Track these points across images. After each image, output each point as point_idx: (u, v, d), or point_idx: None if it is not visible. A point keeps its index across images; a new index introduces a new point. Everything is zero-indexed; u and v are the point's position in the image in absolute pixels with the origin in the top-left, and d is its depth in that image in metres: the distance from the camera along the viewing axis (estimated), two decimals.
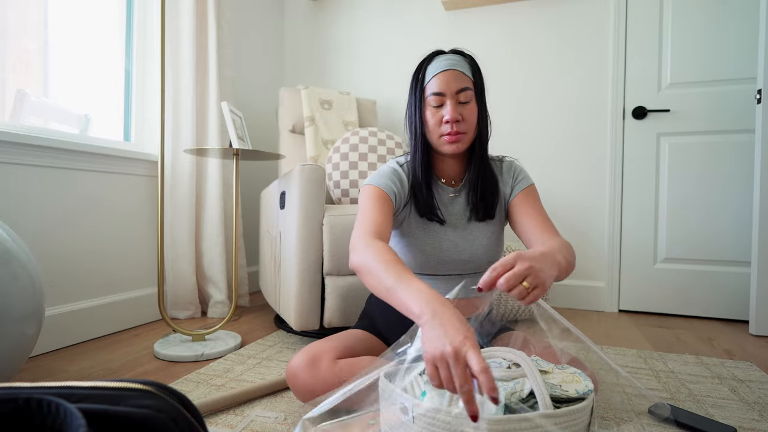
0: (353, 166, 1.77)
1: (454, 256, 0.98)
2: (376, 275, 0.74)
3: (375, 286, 0.75)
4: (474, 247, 0.98)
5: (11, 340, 0.84)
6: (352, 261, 0.82)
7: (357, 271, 0.81)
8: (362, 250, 0.80)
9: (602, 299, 2.09)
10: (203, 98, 1.89)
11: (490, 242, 1.00)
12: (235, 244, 1.51)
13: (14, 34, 1.40)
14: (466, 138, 0.94)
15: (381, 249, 0.78)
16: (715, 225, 1.94)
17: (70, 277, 1.45)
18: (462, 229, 0.99)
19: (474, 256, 0.98)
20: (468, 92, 0.92)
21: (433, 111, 0.93)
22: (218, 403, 0.94)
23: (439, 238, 0.98)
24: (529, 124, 2.20)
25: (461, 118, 0.91)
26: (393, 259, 0.75)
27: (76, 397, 0.29)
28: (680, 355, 1.40)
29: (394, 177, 0.97)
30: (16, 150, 1.28)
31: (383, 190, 0.93)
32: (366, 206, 0.91)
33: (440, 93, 0.91)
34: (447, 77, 0.91)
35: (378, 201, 0.91)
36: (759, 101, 1.68)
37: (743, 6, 1.89)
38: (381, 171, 0.99)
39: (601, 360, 1.27)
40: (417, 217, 0.99)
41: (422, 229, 0.98)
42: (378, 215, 0.88)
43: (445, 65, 0.92)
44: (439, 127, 0.93)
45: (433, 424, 0.57)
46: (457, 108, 0.91)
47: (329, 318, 1.38)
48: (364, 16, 2.50)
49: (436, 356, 0.57)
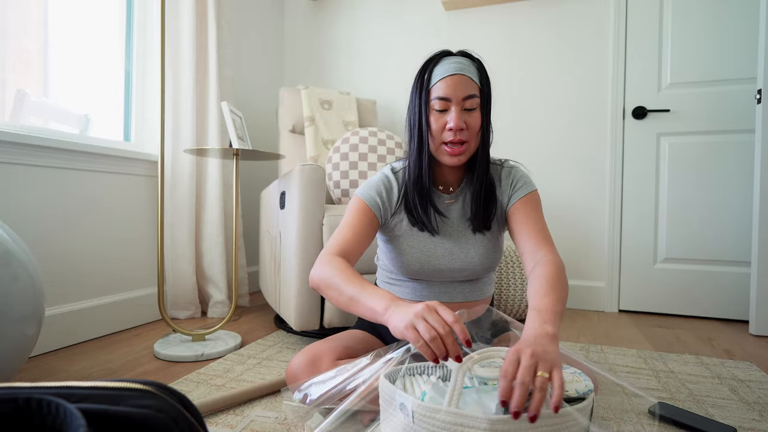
0: (353, 166, 1.77)
1: (449, 264, 0.95)
2: (336, 288, 0.79)
3: (336, 298, 0.79)
4: (470, 255, 0.95)
5: (11, 340, 0.84)
6: (311, 277, 0.86)
7: (316, 288, 0.85)
8: (321, 266, 0.84)
9: (602, 299, 2.09)
10: (203, 98, 1.89)
11: (486, 250, 0.96)
12: (235, 244, 1.51)
13: (14, 34, 1.40)
14: (468, 149, 0.90)
15: (340, 265, 0.82)
16: (716, 225, 1.94)
17: (70, 277, 1.45)
18: (457, 237, 0.95)
19: (470, 264, 0.95)
20: (474, 99, 0.88)
21: (437, 115, 0.89)
22: (218, 403, 0.94)
23: (434, 246, 0.95)
24: (529, 124, 2.20)
25: (465, 127, 0.87)
26: (352, 273, 0.80)
27: (76, 397, 0.29)
28: (680, 355, 1.40)
29: (381, 187, 0.95)
30: (16, 150, 1.28)
31: (366, 203, 0.93)
32: (345, 221, 0.93)
33: (446, 98, 0.87)
34: (454, 82, 0.87)
35: (357, 216, 0.92)
36: (759, 101, 1.68)
37: (743, 6, 1.89)
38: (370, 181, 0.98)
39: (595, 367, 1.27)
40: (410, 224, 0.96)
41: (416, 236, 0.95)
42: (349, 233, 0.90)
43: (454, 69, 0.87)
44: (441, 134, 0.89)
45: (433, 424, 0.57)
46: (461, 115, 0.87)
47: (329, 318, 1.38)
48: (364, 16, 2.50)
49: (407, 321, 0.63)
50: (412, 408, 0.58)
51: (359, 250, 0.90)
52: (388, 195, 0.95)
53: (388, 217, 0.96)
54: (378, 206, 0.94)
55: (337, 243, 0.89)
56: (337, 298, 0.79)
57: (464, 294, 0.99)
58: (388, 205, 0.95)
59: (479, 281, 1.01)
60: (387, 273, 1.05)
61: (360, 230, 0.91)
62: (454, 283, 0.99)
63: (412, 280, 1.00)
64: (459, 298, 0.99)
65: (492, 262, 0.97)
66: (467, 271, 0.96)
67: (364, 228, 0.91)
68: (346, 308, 0.78)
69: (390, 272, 1.04)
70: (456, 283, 0.99)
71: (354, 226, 0.91)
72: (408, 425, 0.60)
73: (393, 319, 0.67)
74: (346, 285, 0.77)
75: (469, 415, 0.54)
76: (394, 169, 0.99)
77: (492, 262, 0.97)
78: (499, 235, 1.00)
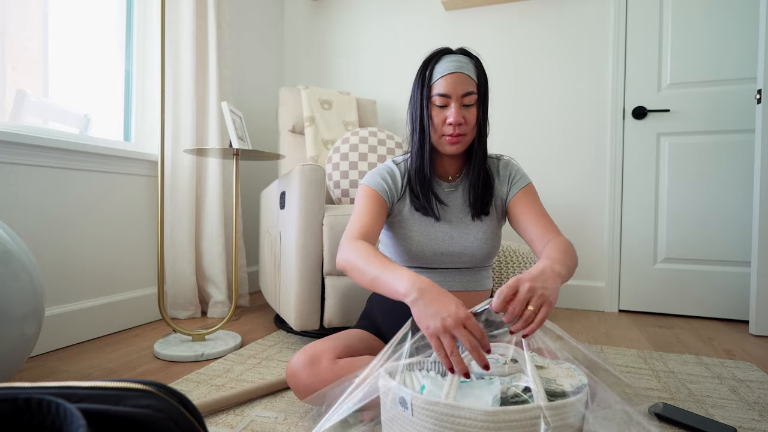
0: (353, 166, 1.77)
1: (450, 248, 0.99)
2: (360, 269, 0.82)
3: (360, 279, 0.82)
4: (469, 239, 1.00)
5: (11, 340, 0.84)
6: (338, 261, 0.89)
7: (343, 269, 0.88)
8: (345, 250, 0.87)
9: (602, 299, 2.09)
10: (203, 98, 1.89)
11: (485, 236, 1.01)
12: (235, 244, 1.51)
13: (14, 34, 1.40)
14: (465, 139, 0.96)
15: (363, 247, 0.85)
16: (715, 225, 1.94)
17: (70, 277, 1.45)
18: (457, 224, 1.01)
19: (469, 249, 1.00)
20: (473, 96, 0.94)
21: (437, 111, 0.95)
22: (218, 403, 0.94)
23: (434, 229, 1.00)
24: (529, 124, 2.20)
25: (464, 121, 0.94)
26: (375, 254, 0.82)
27: (76, 397, 0.29)
28: (680, 355, 1.40)
29: (386, 174, 1.02)
30: (16, 150, 1.28)
31: (375, 189, 0.99)
32: (358, 207, 0.98)
33: (446, 95, 0.93)
34: (454, 80, 0.93)
35: (369, 200, 0.97)
36: (759, 101, 1.68)
37: (743, 6, 1.89)
38: (375, 170, 1.04)
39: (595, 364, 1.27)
40: (412, 210, 1.01)
41: (418, 221, 1.01)
42: (366, 217, 0.94)
43: (453, 67, 0.93)
44: (441, 127, 0.96)
45: (431, 417, 0.58)
46: (460, 111, 0.94)
47: (329, 318, 1.38)
48: (364, 16, 2.50)
49: (435, 329, 0.65)
50: (411, 401, 0.59)
51: (377, 230, 0.95)
52: (393, 181, 1.02)
53: (394, 202, 1.02)
54: (385, 191, 1.00)
55: (355, 227, 0.93)
56: (361, 278, 0.82)
57: (463, 283, 1.02)
58: (395, 190, 1.02)
59: (478, 272, 1.04)
60: None
61: (374, 213, 0.96)
62: (454, 272, 1.02)
63: (413, 268, 1.02)
64: (457, 287, 1.01)
65: (490, 249, 1.02)
66: (466, 256, 1.00)
67: (378, 211, 0.97)
68: (371, 288, 0.81)
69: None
70: (455, 272, 1.02)
71: (369, 210, 0.96)
72: (407, 418, 0.61)
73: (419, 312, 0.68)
74: (368, 266, 0.80)
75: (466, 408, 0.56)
76: (396, 160, 1.06)
77: (490, 248, 1.02)
78: (497, 225, 1.04)
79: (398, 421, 0.63)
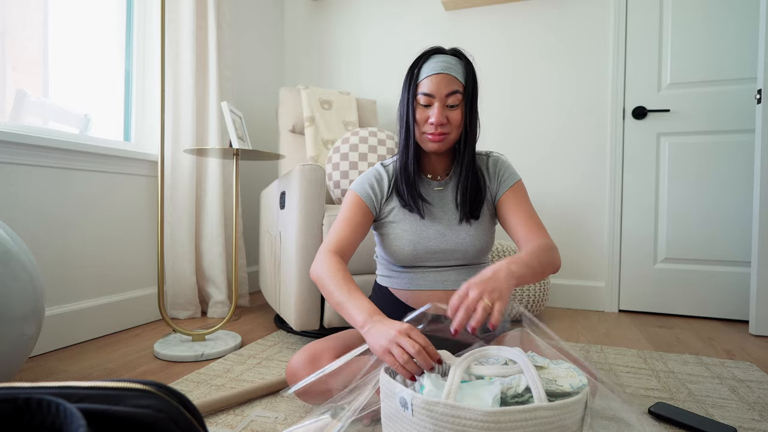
0: (353, 166, 1.77)
1: (442, 245, 1.00)
2: (328, 290, 0.88)
3: (328, 298, 0.89)
4: (461, 236, 1.00)
5: (11, 340, 0.84)
6: (311, 271, 0.95)
7: (314, 281, 0.94)
8: (320, 264, 0.92)
9: (602, 299, 2.09)
10: (203, 98, 1.89)
11: (477, 233, 1.01)
12: (235, 244, 1.51)
13: (14, 34, 1.40)
14: (449, 138, 0.97)
15: (334, 267, 0.90)
16: (715, 225, 1.94)
17: (70, 277, 1.45)
18: (448, 222, 1.01)
19: (462, 245, 1.00)
20: (457, 96, 0.94)
21: (422, 109, 0.96)
22: (218, 403, 0.94)
23: (425, 228, 1.01)
24: (529, 124, 2.20)
25: (446, 121, 0.95)
26: (344, 277, 0.88)
27: (76, 397, 0.29)
28: (680, 355, 1.40)
29: (373, 180, 1.04)
30: (16, 150, 1.28)
31: (360, 196, 1.02)
32: (342, 215, 1.01)
33: (430, 94, 0.94)
34: (438, 81, 0.93)
35: (353, 209, 1.01)
36: (759, 101, 1.68)
37: (743, 6, 1.89)
38: (364, 174, 1.06)
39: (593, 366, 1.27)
40: (402, 209, 1.02)
41: (409, 219, 1.01)
42: (346, 230, 0.98)
43: (440, 68, 0.94)
44: (424, 125, 0.97)
45: (432, 417, 0.58)
46: (443, 111, 0.94)
47: (329, 318, 1.38)
48: (364, 16, 2.50)
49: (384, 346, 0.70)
50: (411, 401, 0.60)
51: (355, 243, 0.99)
52: (380, 185, 1.04)
53: (380, 205, 1.04)
54: (371, 199, 1.02)
55: (334, 240, 0.97)
56: (329, 298, 0.88)
57: (458, 282, 1.01)
58: (380, 195, 1.04)
59: (474, 270, 1.04)
60: (384, 266, 1.08)
61: (356, 223, 0.99)
62: (449, 271, 1.01)
63: (408, 269, 1.02)
64: (454, 286, 1.01)
65: (484, 245, 1.02)
66: (459, 253, 1.00)
67: (360, 221, 1.00)
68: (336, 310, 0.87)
69: (387, 265, 1.07)
70: (450, 271, 1.01)
71: (350, 220, 1.00)
72: (408, 418, 0.61)
73: (370, 339, 0.74)
74: (336, 290, 0.86)
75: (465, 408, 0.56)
76: (384, 163, 1.08)
77: (484, 244, 1.02)
78: (489, 222, 1.05)
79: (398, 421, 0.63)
